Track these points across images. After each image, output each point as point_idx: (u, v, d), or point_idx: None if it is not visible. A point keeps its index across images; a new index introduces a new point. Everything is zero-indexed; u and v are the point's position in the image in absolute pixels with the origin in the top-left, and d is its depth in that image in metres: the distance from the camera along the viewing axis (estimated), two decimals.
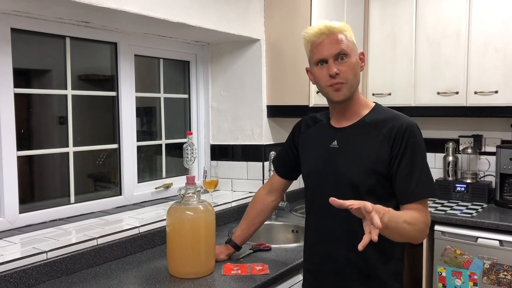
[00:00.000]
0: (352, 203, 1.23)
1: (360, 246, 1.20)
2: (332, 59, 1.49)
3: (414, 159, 1.47)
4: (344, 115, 1.58)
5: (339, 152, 1.55)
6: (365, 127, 1.54)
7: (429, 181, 1.49)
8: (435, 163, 3.32)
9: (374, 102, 1.63)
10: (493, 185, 2.99)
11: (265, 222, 1.99)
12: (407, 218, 1.40)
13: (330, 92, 1.52)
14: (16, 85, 1.97)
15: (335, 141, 1.57)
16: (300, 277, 1.90)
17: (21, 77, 2.05)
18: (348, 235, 1.53)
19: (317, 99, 2.62)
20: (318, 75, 1.53)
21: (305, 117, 1.77)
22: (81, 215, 2.21)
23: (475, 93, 2.83)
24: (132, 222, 2.11)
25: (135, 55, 2.49)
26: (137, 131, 2.52)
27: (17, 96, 1.98)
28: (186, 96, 2.92)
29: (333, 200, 1.25)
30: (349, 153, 1.54)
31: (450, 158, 3.13)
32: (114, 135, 2.44)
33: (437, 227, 2.69)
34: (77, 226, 2.04)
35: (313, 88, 2.60)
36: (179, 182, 2.68)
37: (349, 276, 1.54)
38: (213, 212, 1.80)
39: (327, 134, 1.61)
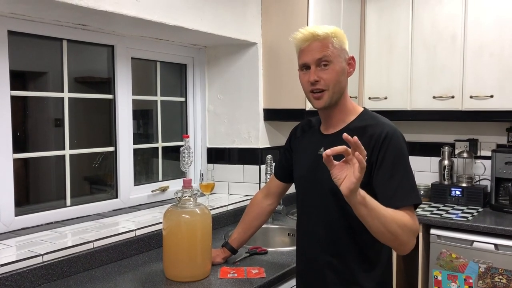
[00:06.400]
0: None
1: (328, 151, 1.22)
2: (314, 65, 1.50)
3: (395, 166, 1.43)
4: (330, 121, 1.58)
5: None
6: (349, 134, 1.52)
7: (412, 189, 1.43)
8: (430, 167, 3.34)
9: (363, 108, 1.62)
10: (489, 189, 3.01)
11: (262, 226, 1.99)
12: (391, 211, 1.33)
13: (311, 98, 1.55)
14: (13, 87, 1.96)
15: (322, 147, 1.57)
16: None
17: (18, 79, 2.05)
18: (332, 241, 1.54)
19: None
20: (301, 79, 1.56)
21: (303, 121, 1.78)
22: (77, 218, 2.20)
23: (471, 97, 2.84)
24: (128, 225, 2.11)
25: (132, 58, 2.49)
26: (134, 134, 2.52)
27: (13, 98, 1.97)
28: (182, 99, 2.92)
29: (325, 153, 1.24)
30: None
31: (446, 162, 3.15)
32: (110, 138, 2.44)
33: (432, 231, 2.70)
34: (73, 229, 2.03)
35: None
36: (175, 185, 2.68)
37: (331, 281, 1.54)
38: (209, 215, 1.80)
39: (316, 140, 1.62)
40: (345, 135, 1.22)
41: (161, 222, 1.91)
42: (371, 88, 3.24)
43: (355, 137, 1.21)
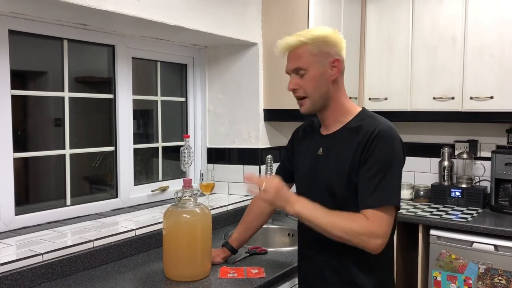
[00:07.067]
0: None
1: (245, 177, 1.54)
2: (293, 73, 1.55)
3: (380, 165, 1.42)
4: (326, 123, 1.59)
5: (323, 159, 1.56)
6: (345, 134, 1.53)
7: (389, 190, 1.42)
8: (430, 167, 3.34)
9: (362, 108, 1.62)
10: (488, 190, 3.01)
11: None
12: (337, 218, 1.43)
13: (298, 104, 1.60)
14: (13, 86, 1.97)
15: (321, 148, 1.58)
16: (296, 281, 1.90)
17: (18, 78, 2.05)
18: (330, 241, 1.52)
19: None
20: None
21: (305, 122, 1.78)
22: (77, 217, 2.21)
23: (471, 98, 2.84)
24: (128, 225, 2.11)
25: (132, 57, 2.49)
26: (134, 134, 2.52)
27: (13, 97, 1.97)
28: (183, 99, 2.92)
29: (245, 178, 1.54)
30: (330, 161, 1.54)
31: (446, 163, 3.14)
32: (110, 138, 2.44)
33: (432, 232, 2.70)
34: (73, 229, 2.04)
35: None
36: (175, 185, 2.68)
37: (330, 281, 1.55)
38: (209, 215, 1.80)
39: (316, 141, 1.63)
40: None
41: (161, 222, 1.91)
42: (371, 89, 3.24)
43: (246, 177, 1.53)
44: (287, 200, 1.47)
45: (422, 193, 3.19)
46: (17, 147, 2.01)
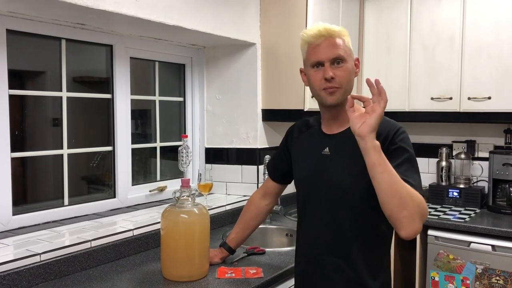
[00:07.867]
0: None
1: (353, 94, 1.39)
2: (328, 62, 1.48)
3: (404, 156, 1.43)
4: (336, 120, 1.57)
5: (331, 159, 1.55)
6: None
7: (417, 180, 1.41)
8: (428, 168, 3.34)
9: (365, 108, 1.62)
10: (486, 190, 3.01)
11: (260, 226, 1.99)
12: (403, 181, 1.33)
13: (323, 95, 1.51)
14: (11, 86, 1.96)
15: (327, 147, 1.56)
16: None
17: (16, 78, 2.04)
18: (338, 242, 1.53)
19: (311, 104, 2.63)
20: (313, 77, 1.52)
21: (298, 122, 1.76)
22: (75, 217, 2.20)
23: (469, 99, 2.85)
24: (126, 225, 2.11)
25: (130, 57, 2.49)
26: (132, 134, 2.52)
27: (11, 97, 1.97)
28: (181, 99, 2.92)
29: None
30: (340, 160, 1.52)
31: (444, 163, 3.15)
32: (108, 138, 2.44)
33: (430, 232, 2.70)
34: (71, 229, 2.03)
35: (308, 92, 2.60)
36: (173, 185, 2.68)
37: (336, 283, 1.53)
38: (207, 215, 1.80)
39: (319, 140, 1.60)
40: (368, 79, 1.34)
41: (159, 222, 1.91)
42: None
43: (378, 79, 1.34)
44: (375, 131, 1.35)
45: None
46: (15, 147, 2.00)
